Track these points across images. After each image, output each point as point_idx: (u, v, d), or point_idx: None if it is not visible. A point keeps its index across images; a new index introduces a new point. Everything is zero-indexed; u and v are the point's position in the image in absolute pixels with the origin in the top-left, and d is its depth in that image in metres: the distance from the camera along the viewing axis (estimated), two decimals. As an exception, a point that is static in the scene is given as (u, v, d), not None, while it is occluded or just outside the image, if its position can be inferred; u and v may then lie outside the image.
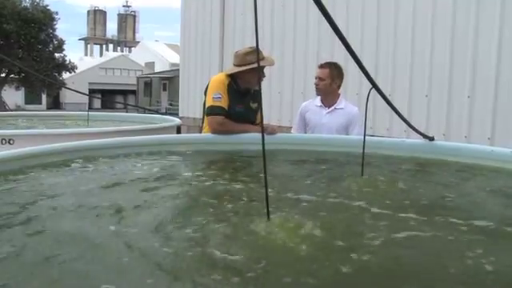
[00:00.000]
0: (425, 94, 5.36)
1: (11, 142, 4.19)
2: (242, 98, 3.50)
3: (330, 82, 3.80)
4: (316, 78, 3.86)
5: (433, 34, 5.27)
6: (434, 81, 5.30)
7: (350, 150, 3.10)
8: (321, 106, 3.89)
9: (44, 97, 41.86)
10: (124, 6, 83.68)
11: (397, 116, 2.67)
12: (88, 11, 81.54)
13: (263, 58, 3.49)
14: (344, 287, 1.26)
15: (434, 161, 2.90)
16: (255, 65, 3.29)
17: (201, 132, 3.71)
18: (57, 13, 28.76)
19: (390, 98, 2.91)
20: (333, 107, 3.85)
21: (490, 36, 4.78)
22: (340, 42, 1.60)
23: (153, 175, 2.46)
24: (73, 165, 2.58)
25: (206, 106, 3.46)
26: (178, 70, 10.28)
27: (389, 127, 5.52)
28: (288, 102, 6.91)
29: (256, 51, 3.34)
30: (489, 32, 4.79)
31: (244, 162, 3.05)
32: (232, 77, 3.51)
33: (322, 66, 3.88)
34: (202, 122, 3.68)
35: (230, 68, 3.60)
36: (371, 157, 2.72)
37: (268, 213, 1.56)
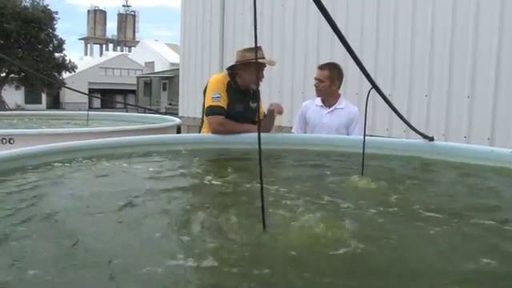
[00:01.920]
0: (424, 94, 5.36)
1: (11, 141, 4.19)
2: (241, 97, 3.50)
3: (329, 84, 3.80)
4: (315, 80, 3.85)
5: (432, 34, 5.27)
6: (433, 81, 5.30)
7: (349, 150, 3.10)
8: (321, 105, 3.89)
9: (44, 96, 41.87)
10: (124, 6, 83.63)
11: (397, 116, 2.67)
12: (88, 11, 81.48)
13: (263, 58, 3.48)
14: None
15: (434, 161, 2.90)
16: (252, 60, 3.28)
17: (200, 132, 3.70)
18: (57, 12, 28.73)
19: (389, 98, 2.91)
20: (333, 107, 3.85)
21: (490, 36, 4.78)
22: (340, 42, 1.60)
23: (151, 175, 2.46)
24: (72, 164, 2.58)
25: (206, 106, 3.45)
26: (178, 69, 10.28)
27: (388, 127, 5.52)
28: (288, 101, 6.90)
29: (256, 48, 3.34)
30: (488, 32, 4.79)
31: (243, 162, 3.04)
32: (231, 76, 3.51)
33: (321, 68, 3.86)
34: (202, 122, 3.68)
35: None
36: (371, 157, 2.72)
37: (264, 223, 1.52)
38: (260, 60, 3.42)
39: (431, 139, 3.00)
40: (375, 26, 5.85)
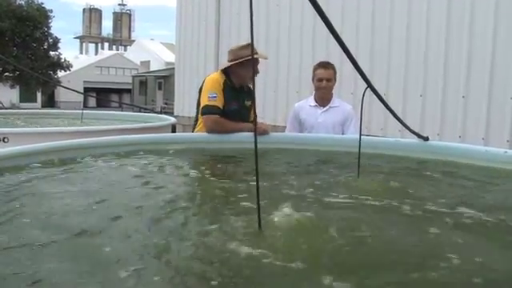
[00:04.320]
0: (419, 94, 5.37)
1: (5, 140, 4.17)
2: (236, 95, 3.50)
3: (334, 82, 3.85)
4: (322, 80, 3.82)
5: (427, 34, 5.28)
6: (428, 81, 5.31)
7: (345, 150, 3.10)
8: (315, 105, 3.89)
9: (39, 95, 41.75)
10: (119, 5, 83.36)
11: (392, 116, 2.67)
12: (83, 9, 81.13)
13: (256, 53, 3.49)
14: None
15: (429, 160, 2.91)
16: (248, 57, 3.29)
17: (193, 131, 3.69)
18: (51, 11, 28.71)
19: (384, 97, 2.91)
20: (327, 106, 3.86)
21: (485, 36, 4.79)
22: (335, 41, 1.60)
23: (145, 175, 2.45)
24: (66, 163, 2.57)
25: (202, 106, 3.45)
26: (174, 68, 10.26)
27: (384, 127, 5.53)
28: (283, 101, 6.90)
29: (249, 46, 3.36)
30: (483, 32, 4.80)
31: (238, 161, 3.04)
32: (226, 75, 3.50)
33: (325, 67, 3.83)
34: (195, 121, 3.67)
35: (224, 63, 3.59)
36: (366, 156, 2.72)
37: (260, 222, 1.51)
38: (256, 56, 3.44)
39: (426, 139, 3.01)
40: (370, 25, 5.85)
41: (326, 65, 3.87)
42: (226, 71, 3.52)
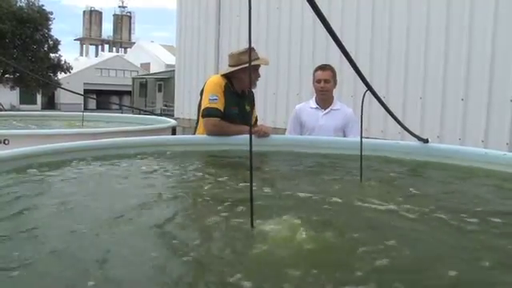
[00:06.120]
0: (419, 97, 5.38)
1: (6, 142, 4.17)
2: (237, 100, 3.51)
3: (333, 84, 3.85)
4: (320, 82, 3.83)
5: (427, 37, 5.29)
6: (428, 83, 5.32)
7: (345, 152, 3.10)
8: (316, 107, 3.89)
9: (39, 97, 41.80)
10: (120, 7, 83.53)
11: (391, 118, 2.68)
12: (84, 12, 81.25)
13: (258, 58, 3.49)
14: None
15: (429, 163, 2.91)
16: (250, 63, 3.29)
17: (195, 133, 3.70)
18: (52, 13, 28.72)
19: (384, 100, 2.91)
20: (329, 109, 3.86)
21: (484, 38, 4.80)
22: (335, 44, 1.60)
23: (143, 177, 2.45)
24: (66, 165, 2.57)
25: (202, 108, 3.45)
26: (174, 71, 10.28)
27: (383, 129, 5.53)
28: (283, 103, 6.92)
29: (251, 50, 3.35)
30: (483, 34, 4.81)
31: (236, 163, 3.04)
32: (228, 78, 3.51)
33: (323, 69, 3.86)
34: (197, 123, 3.68)
35: (225, 69, 3.60)
36: (366, 159, 2.72)
37: (252, 220, 1.51)
38: (257, 62, 3.45)
39: (426, 141, 3.02)
40: (370, 27, 5.86)
41: (323, 66, 3.91)
42: (227, 75, 3.52)
